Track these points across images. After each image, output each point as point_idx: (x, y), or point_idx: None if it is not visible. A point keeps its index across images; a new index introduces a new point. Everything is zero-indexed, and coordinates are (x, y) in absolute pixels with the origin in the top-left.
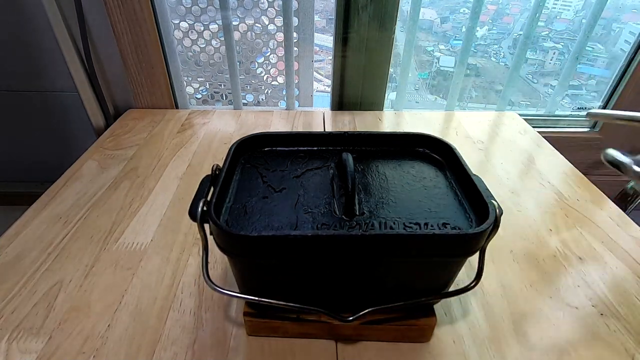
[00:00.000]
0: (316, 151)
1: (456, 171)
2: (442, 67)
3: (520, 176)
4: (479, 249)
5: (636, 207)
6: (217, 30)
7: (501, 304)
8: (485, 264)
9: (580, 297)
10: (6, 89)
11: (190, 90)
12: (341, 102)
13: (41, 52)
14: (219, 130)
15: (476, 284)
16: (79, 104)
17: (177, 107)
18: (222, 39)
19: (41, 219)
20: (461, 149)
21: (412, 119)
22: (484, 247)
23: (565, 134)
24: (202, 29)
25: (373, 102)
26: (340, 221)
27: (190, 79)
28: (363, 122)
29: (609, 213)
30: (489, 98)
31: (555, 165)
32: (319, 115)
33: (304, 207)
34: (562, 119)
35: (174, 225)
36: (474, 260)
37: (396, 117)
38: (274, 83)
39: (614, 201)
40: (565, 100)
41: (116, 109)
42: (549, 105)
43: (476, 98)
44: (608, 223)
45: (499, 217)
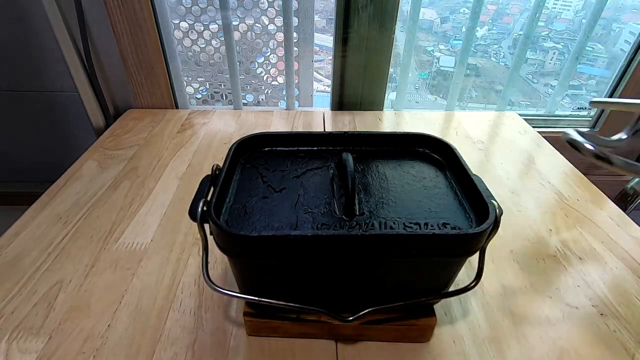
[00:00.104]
0: (316, 151)
1: (456, 171)
2: (442, 67)
3: (520, 176)
4: (479, 249)
5: (636, 207)
6: (217, 30)
7: (501, 304)
8: (485, 264)
9: (580, 297)
10: (6, 89)
11: (190, 90)
12: (341, 102)
13: (41, 52)
14: (219, 130)
15: (476, 284)
16: (79, 104)
17: (177, 107)
18: (222, 39)
19: (41, 219)
20: (461, 149)
21: (412, 119)
22: (484, 247)
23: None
24: (202, 29)
25: (373, 102)
26: (340, 221)
27: (190, 79)
28: (363, 122)
29: (609, 213)
30: (489, 98)
31: (555, 165)
32: (319, 115)
33: (304, 207)
34: (562, 119)
35: (174, 225)
36: (474, 260)
37: (396, 117)
38: (274, 83)
39: (614, 201)
40: (565, 100)
41: (116, 109)
42: (549, 105)
43: (476, 98)
44: (608, 223)
45: (499, 217)
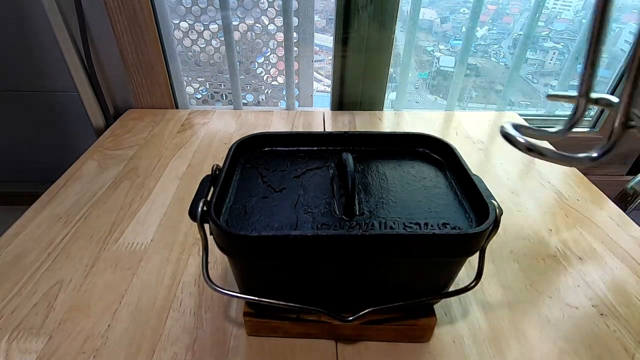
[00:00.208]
0: (316, 151)
1: (456, 171)
2: (442, 67)
3: (520, 176)
4: (479, 249)
5: (636, 207)
6: (217, 30)
7: (501, 304)
8: (485, 264)
9: (580, 297)
10: (6, 89)
11: (190, 90)
12: (341, 102)
13: (41, 52)
14: (219, 130)
15: (476, 284)
16: (79, 104)
17: (177, 107)
18: (222, 39)
19: (41, 219)
20: (461, 149)
21: (412, 119)
22: (484, 247)
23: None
24: (202, 29)
25: (373, 102)
26: (340, 221)
27: (190, 79)
28: (363, 122)
29: (609, 213)
30: (489, 98)
31: (555, 166)
32: (319, 115)
33: (304, 207)
34: (562, 119)
35: (174, 225)
36: (474, 260)
37: (396, 117)
38: (274, 83)
39: (614, 201)
40: None
41: (116, 109)
42: (549, 105)
43: (476, 98)
44: (608, 223)
45: (499, 217)
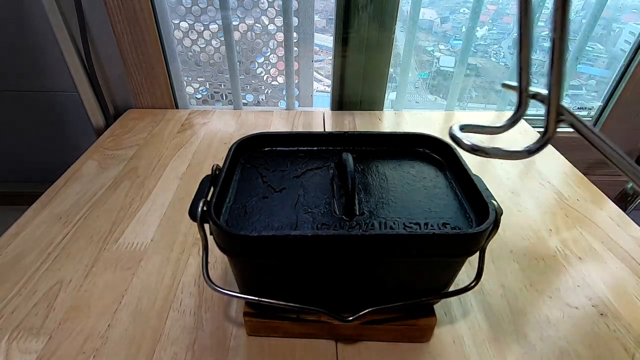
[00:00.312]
0: (316, 151)
1: (456, 171)
2: (442, 67)
3: (520, 176)
4: (479, 249)
5: (636, 207)
6: (217, 30)
7: (501, 304)
8: (485, 264)
9: (580, 297)
10: (6, 89)
11: (190, 90)
12: (341, 102)
13: (41, 52)
14: (219, 130)
15: (476, 284)
16: (79, 104)
17: (177, 107)
18: (222, 39)
19: (41, 219)
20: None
21: (412, 119)
22: (484, 247)
23: (565, 134)
24: (202, 29)
25: (373, 102)
26: (340, 221)
27: (190, 79)
28: (363, 122)
29: (609, 213)
30: (489, 98)
31: (555, 165)
32: (319, 115)
33: (304, 207)
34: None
35: (174, 225)
36: (474, 260)
37: (396, 117)
38: (274, 83)
39: (614, 201)
40: (565, 100)
41: (116, 109)
42: None
43: (476, 98)
44: (608, 223)
45: (499, 217)
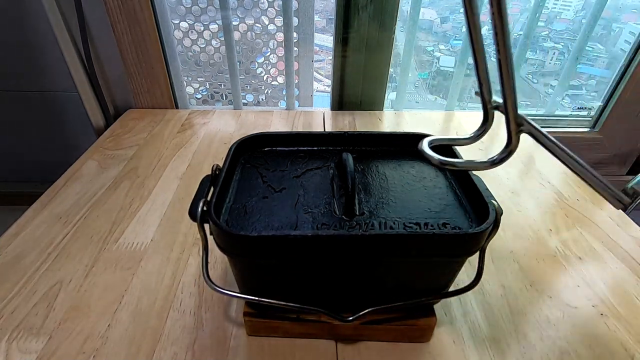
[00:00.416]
0: (316, 151)
1: (456, 171)
2: (442, 67)
3: (520, 176)
4: (479, 249)
5: (636, 207)
6: (217, 30)
7: (501, 304)
8: (485, 264)
9: (580, 297)
10: (6, 89)
11: (190, 90)
12: (341, 102)
13: (41, 52)
14: (219, 130)
15: (476, 284)
16: (79, 104)
17: (177, 107)
18: (222, 39)
19: (41, 219)
20: (461, 149)
21: (412, 119)
22: (484, 247)
23: (565, 134)
24: (202, 29)
25: (373, 102)
26: (340, 221)
27: (190, 79)
28: (363, 122)
29: (609, 213)
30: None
31: (555, 165)
32: (319, 115)
33: (304, 207)
34: (562, 119)
35: (174, 225)
36: (474, 260)
37: (396, 117)
38: (274, 83)
39: None
40: (565, 100)
41: (116, 109)
42: (549, 105)
43: (476, 98)
44: (608, 223)
45: (499, 217)
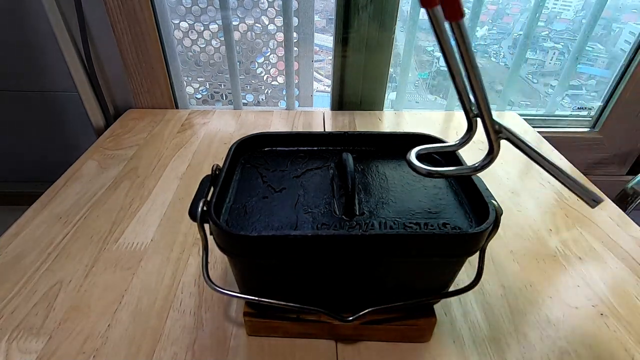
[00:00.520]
0: (316, 151)
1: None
2: (442, 67)
3: (520, 176)
4: (479, 249)
5: (636, 207)
6: (217, 30)
7: (501, 304)
8: (485, 264)
9: (580, 297)
10: (6, 88)
11: (190, 90)
12: (341, 102)
13: (41, 53)
14: (219, 130)
15: (476, 284)
16: (79, 104)
17: (177, 107)
18: (222, 39)
19: (41, 219)
20: (463, 150)
21: (412, 119)
22: (484, 247)
23: (565, 134)
24: (202, 29)
25: (373, 102)
26: (340, 221)
27: (190, 79)
28: (363, 122)
29: (609, 213)
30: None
31: None
32: (319, 115)
33: (304, 207)
34: (562, 119)
35: (174, 225)
36: (474, 260)
37: (396, 117)
38: (274, 83)
39: (614, 201)
40: (565, 100)
41: (116, 109)
42: (549, 105)
43: None
44: (608, 223)
45: (499, 217)
